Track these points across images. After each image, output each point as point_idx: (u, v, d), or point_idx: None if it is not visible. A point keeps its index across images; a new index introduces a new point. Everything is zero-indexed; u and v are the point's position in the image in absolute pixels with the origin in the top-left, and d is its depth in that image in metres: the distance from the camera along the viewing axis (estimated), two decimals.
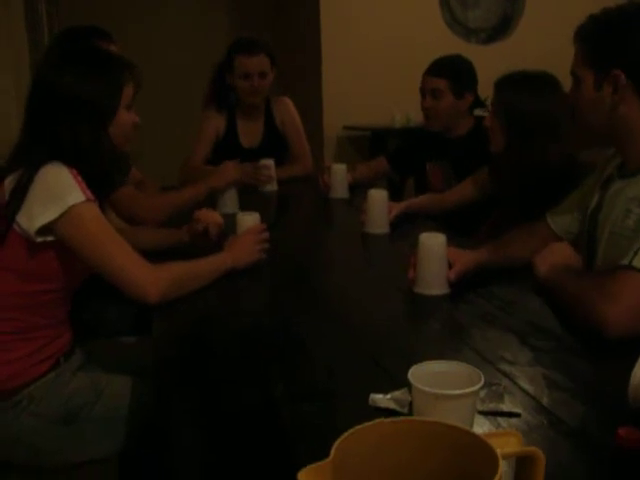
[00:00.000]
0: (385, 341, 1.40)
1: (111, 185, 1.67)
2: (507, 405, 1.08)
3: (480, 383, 0.94)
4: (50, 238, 1.49)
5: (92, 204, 1.51)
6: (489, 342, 1.36)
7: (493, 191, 2.38)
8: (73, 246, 1.50)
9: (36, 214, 1.46)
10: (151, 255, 1.64)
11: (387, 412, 1.05)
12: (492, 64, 2.73)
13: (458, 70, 2.74)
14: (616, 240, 1.45)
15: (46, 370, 1.57)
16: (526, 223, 1.83)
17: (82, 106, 1.54)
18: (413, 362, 0.99)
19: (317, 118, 5.14)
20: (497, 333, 1.41)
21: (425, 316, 1.61)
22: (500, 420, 1.04)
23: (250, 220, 1.96)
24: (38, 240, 1.48)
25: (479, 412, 1.04)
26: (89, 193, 1.51)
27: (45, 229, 1.47)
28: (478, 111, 2.83)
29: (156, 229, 2.14)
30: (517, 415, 1.05)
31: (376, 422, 0.73)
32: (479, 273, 1.72)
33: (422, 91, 2.77)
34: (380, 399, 1.09)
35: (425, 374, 0.96)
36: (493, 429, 1.01)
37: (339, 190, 2.88)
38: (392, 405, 1.07)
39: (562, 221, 1.73)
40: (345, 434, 0.70)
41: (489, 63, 2.87)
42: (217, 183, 2.57)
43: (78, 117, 1.53)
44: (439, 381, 0.95)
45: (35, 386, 1.54)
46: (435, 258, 1.63)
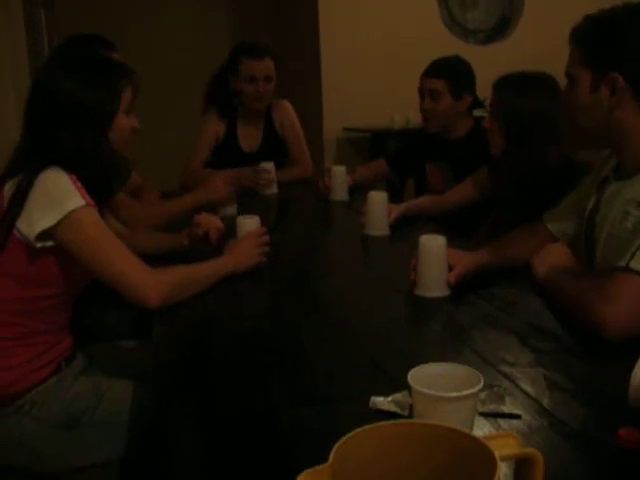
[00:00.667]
0: (385, 344, 1.40)
1: (110, 190, 1.67)
2: (508, 407, 1.08)
3: (479, 385, 0.94)
4: (50, 243, 1.49)
5: (91, 209, 1.51)
6: (490, 344, 1.36)
7: (492, 192, 2.38)
8: (73, 251, 1.50)
9: (36, 220, 1.46)
10: (151, 259, 1.64)
11: (388, 415, 1.05)
12: (491, 65, 2.74)
13: (456, 71, 2.74)
14: (614, 242, 1.44)
15: (47, 375, 1.57)
16: (525, 224, 1.83)
17: (83, 112, 1.54)
18: (413, 364, 0.99)
19: (317, 120, 5.14)
20: (498, 334, 1.41)
21: (425, 318, 1.61)
22: (501, 422, 1.04)
23: (250, 223, 1.96)
24: (38, 245, 1.48)
25: (480, 414, 1.04)
26: (89, 198, 1.51)
27: (45, 234, 1.47)
28: (477, 112, 2.83)
29: (156, 233, 2.14)
30: (518, 417, 1.05)
31: (375, 425, 0.73)
32: (479, 274, 1.72)
33: (420, 92, 2.77)
34: (380, 402, 1.09)
35: (425, 376, 0.96)
36: (494, 431, 1.01)
37: (339, 192, 2.88)
38: (393, 408, 1.07)
39: (559, 223, 1.73)
40: (344, 438, 0.70)
41: (488, 64, 2.87)
42: (205, 198, 2.42)
43: (79, 123, 1.54)
44: (439, 383, 0.95)
45: (37, 391, 1.55)
46: (435, 260, 1.63)
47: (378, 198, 2.29)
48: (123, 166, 2.47)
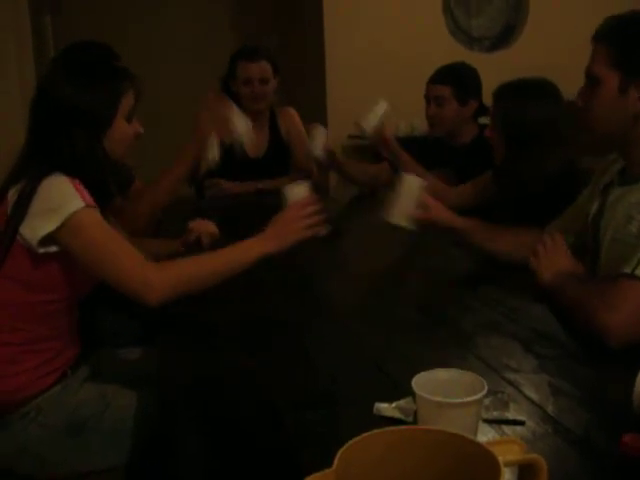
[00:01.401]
0: (389, 349, 1.40)
1: (109, 194, 1.65)
2: (512, 413, 1.08)
3: (483, 391, 0.94)
4: (53, 249, 1.48)
5: (92, 210, 1.50)
6: (493, 350, 1.35)
7: (492, 198, 2.36)
8: (76, 253, 1.49)
9: (38, 226, 1.46)
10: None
11: (392, 421, 1.05)
12: (495, 72, 2.73)
13: (461, 76, 2.75)
14: (618, 246, 1.44)
15: (53, 382, 1.57)
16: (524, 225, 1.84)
17: (81, 116, 1.54)
18: (417, 370, 0.98)
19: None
20: (501, 341, 1.41)
21: (429, 324, 1.60)
22: (505, 428, 1.04)
23: (298, 192, 1.69)
24: (40, 251, 1.47)
25: (484, 420, 1.04)
26: (89, 199, 1.49)
27: (47, 239, 1.47)
28: (483, 119, 2.83)
29: (153, 239, 2.13)
30: (522, 423, 1.05)
31: (380, 431, 0.73)
32: (483, 281, 1.72)
33: (427, 99, 2.78)
34: (385, 408, 1.09)
35: (429, 382, 0.96)
36: (498, 437, 1.01)
37: (316, 151, 2.89)
38: (397, 414, 1.07)
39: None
40: (348, 443, 0.70)
41: (492, 71, 2.86)
42: (190, 151, 2.12)
43: (76, 127, 1.53)
44: (443, 389, 0.95)
45: (43, 398, 1.55)
46: (407, 192, 1.73)
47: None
48: (125, 171, 2.47)
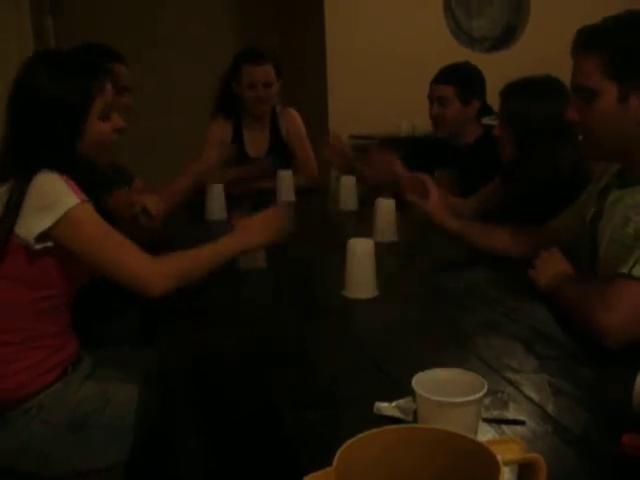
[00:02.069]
0: (389, 348, 1.41)
1: (95, 191, 1.64)
2: (512, 413, 1.08)
3: (483, 391, 0.94)
4: (49, 244, 1.49)
5: (86, 205, 1.51)
6: (493, 349, 1.36)
7: (496, 209, 2.35)
8: (74, 249, 1.50)
9: (33, 224, 1.46)
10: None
11: (392, 420, 1.05)
12: (496, 73, 2.73)
13: (464, 76, 2.75)
14: (616, 247, 1.44)
15: (54, 379, 1.58)
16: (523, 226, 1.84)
17: (56, 107, 1.52)
18: (417, 369, 0.99)
19: (323, 128, 5.14)
20: (502, 341, 1.41)
21: (429, 323, 1.61)
22: (505, 428, 1.04)
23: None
24: (37, 247, 1.48)
25: (483, 420, 1.04)
26: (82, 195, 1.50)
27: (43, 236, 1.47)
28: (486, 119, 2.83)
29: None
30: (522, 423, 1.05)
31: (379, 430, 0.73)
32: (483, 281, 1.72)
33: (430, 99, 2.79)
34: (385, 407, 1.09)
35: (429, 382, 0.96)
36: (497, 437, 1.01)
37: (348, 202, 2.86)
38: (397, 413, 1.07)
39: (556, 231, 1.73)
40: (348, 442, 0.70)
41: (493, 72, 2.86)
42: (197, 167, 2.50)
43: (53, 120, 1.52)
44: (443, 389, 0.95)
45: (44, 394, 1.55)
46: (361, 263, 1.70)
47: (386, 205, 2.30)
48: (123, 171, 2.47)
